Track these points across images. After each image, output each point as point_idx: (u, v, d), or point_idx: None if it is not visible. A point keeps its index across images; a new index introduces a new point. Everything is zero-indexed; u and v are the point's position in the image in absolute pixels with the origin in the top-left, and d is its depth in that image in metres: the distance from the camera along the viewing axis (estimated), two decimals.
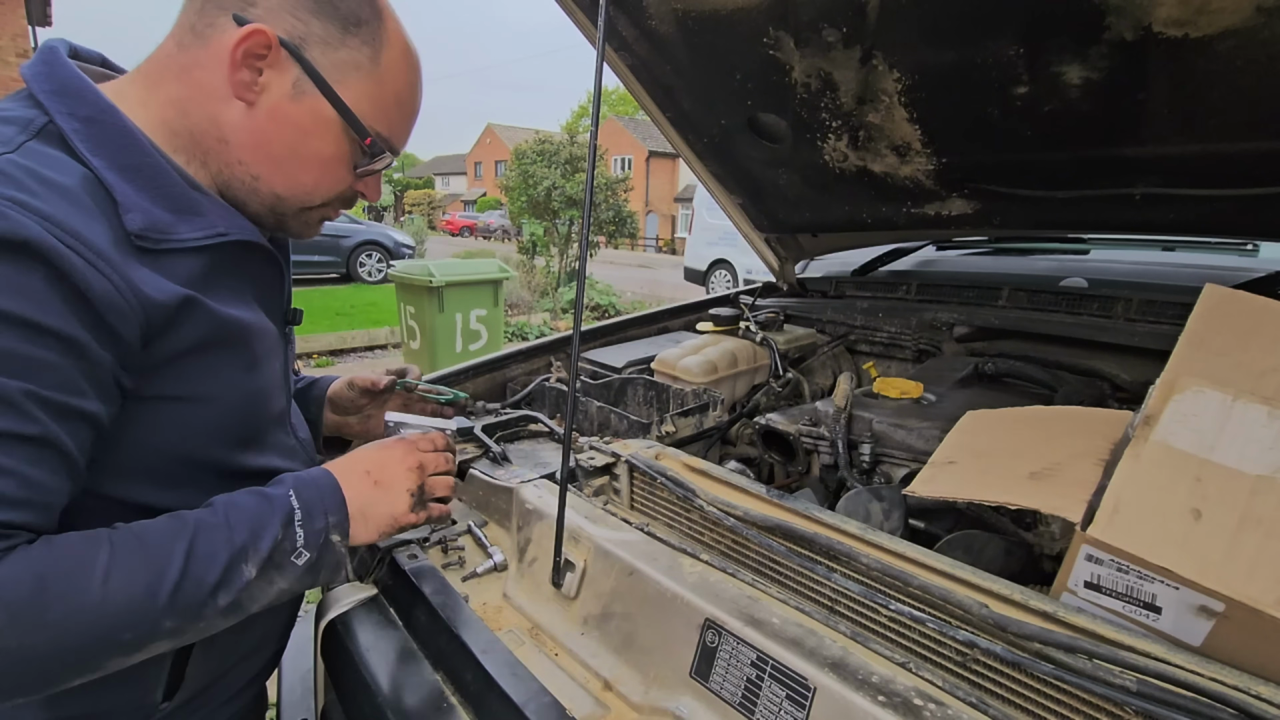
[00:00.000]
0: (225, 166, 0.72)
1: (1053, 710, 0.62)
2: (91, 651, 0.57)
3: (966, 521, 1.06)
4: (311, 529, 0.70)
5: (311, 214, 0.79)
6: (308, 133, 0.72)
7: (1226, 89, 1.00)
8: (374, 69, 0.73)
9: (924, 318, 1.77)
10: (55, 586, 0.54)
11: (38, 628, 0.53)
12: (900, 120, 1.34)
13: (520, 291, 9.19)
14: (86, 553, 0.57)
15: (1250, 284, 1.39)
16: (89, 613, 0.55)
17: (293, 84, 0.69)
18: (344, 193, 0.79)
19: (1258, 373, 0.77)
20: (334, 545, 0.73)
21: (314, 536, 0.70)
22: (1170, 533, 0.64)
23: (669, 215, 34.65)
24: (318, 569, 0.71)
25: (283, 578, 0.68)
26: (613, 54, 1.50)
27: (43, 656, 0.54)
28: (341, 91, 0.71)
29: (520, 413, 1.44)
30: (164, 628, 0.60)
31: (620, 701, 0.80)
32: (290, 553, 0.68)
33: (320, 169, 0.75)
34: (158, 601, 0.59)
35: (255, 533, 0.66)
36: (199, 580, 0.61)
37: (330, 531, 0.72)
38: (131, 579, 0.58)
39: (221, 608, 0.64)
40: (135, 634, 0.58)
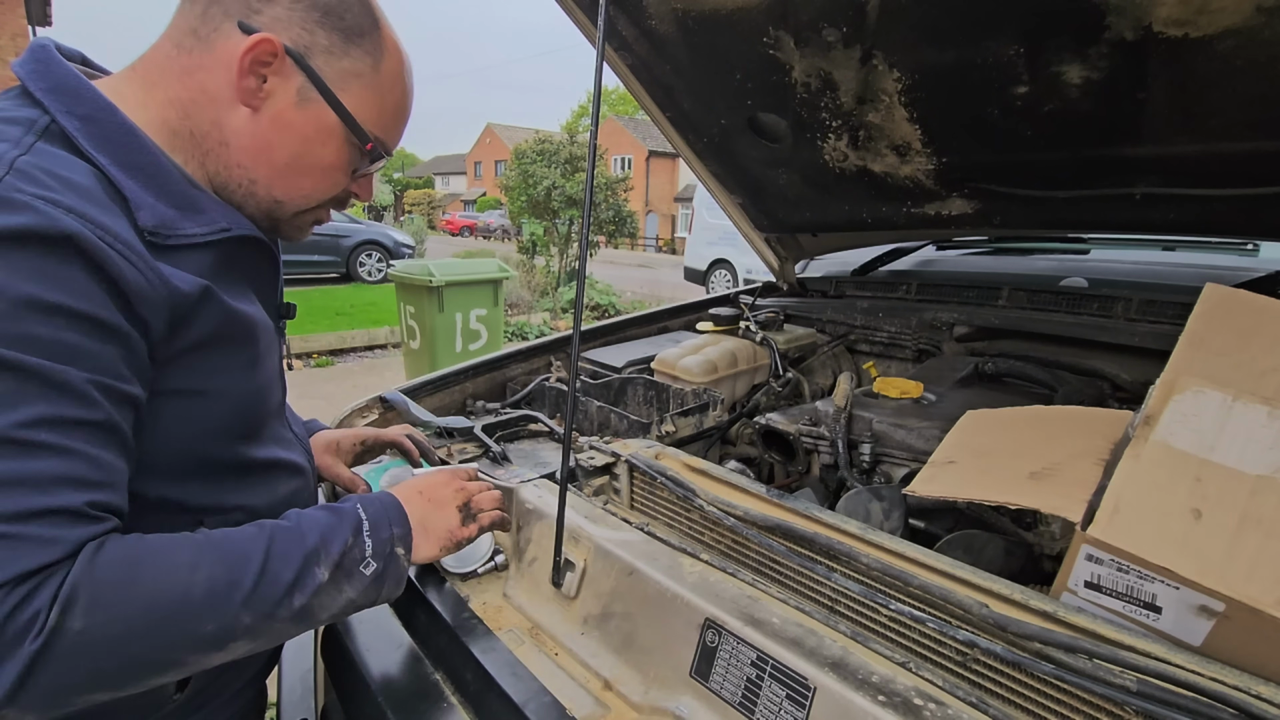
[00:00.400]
0: (224, 169, 0.73)
1: (1053, 710, 0.62)
2: (176, 641, 0.58)
3: (966, 521, 1.06)
4: (379, 539, 0.74)
5: (305, 217, 0.81)
6: (310, 140, 0.73)
7: (1226, 89, 1.00)
8: (375, 77, 0.75)
9: (924, 317, 1.77)
10: (147, 572, 0.57)
11: (127, 616, 0.55)
12: (900, 120, 1.34)
13: (520, 291, 9.19)
14: (174, 545, 0.60)
15: (1250, 284, 1.39)
16: (176, 601, 0.58)
17: (297, 91, 0.71)
18: (339, 195, 0.81)
19: (1258, 372, 0.77)
20: (399, 558, 0.76)
21: (381, 546, 0.74)
22: (1170, 533, 0.64)
23: (669, 215, 34.65)
24: (383, 581, 0.74)
25: (351, 587, 0.71)
26: (613, 54, 1.50)
27: (131, 643, 0.55)
28: (344, 99, 0.73)
29: (520, 412, 1.44)
30: (243, 624, 0.62)
31: (620, 701, 0.80)
32: (359, 561, 0.72)
33: (320, 175, 0.77)
34: (238, 595, 0.61)
35: (326, 538, 0.70)
36: (276, 577, 0.64)
37: (395, 544, 0.76)
38: (215, 572, 0.60)
39: (295, 610, 0.66)
40: (217, 627, 0.60)
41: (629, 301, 9.81)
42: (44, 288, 0.54)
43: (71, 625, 0.52)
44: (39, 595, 0.51)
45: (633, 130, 35.40)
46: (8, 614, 0.50)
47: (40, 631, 0.51)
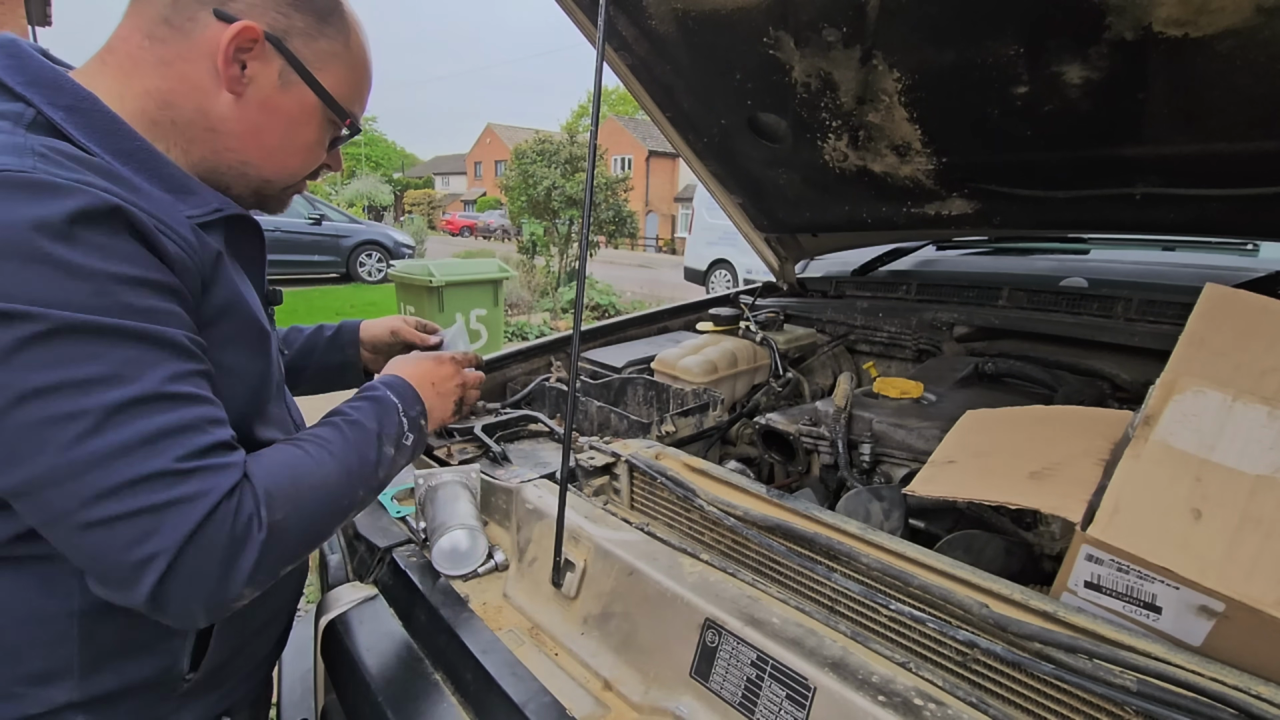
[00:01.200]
0: (213, 154, 0.75)
1: (1053, 710, 0.62)
2: (334, 517, 0.73)
3: (966, 521, 1.06)
4: (409, 416, 0.87)
5: (288, 191, 0.86)
6: (296, 120, 0.77)
7: (1226, 89, 1.00)
8: (347, 54, 0.79)
9: (924, 317, 1.77)
10: (301, 475, 0.69)
11: (302, 504, 0.68)
12: (900, 120, 1.34)
13: (520, 291, 9.19)
14: (295, 448, 0.72)
15: (1250, 284, 1.39)
16: (326, 490, 0.71)
17: (279, 75, 0.74)
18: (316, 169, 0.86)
19: (1258, 372, 0.77)
20: (422, 428, 0.90)
21: (413, 422, 0.88)
22: (1170, 533, 0.64)
23: (669, 215, 34.64)
24: (416, 447, 0.89)
25: (401, 456, 0.84)
26: (613, 54, 1.50)
27: (310, 525, 0.69)
28: (323, 79, 0.76)
29: (520, 412, 1.44)
30: (359, 496, 0.77)
31: (620, 701, 0.80)
32: (402, 436, 0.85)
33: (305, 152, 0.81)
34: (355, 476, 0.75)
35: (381, 422, 0.82)
36: (365, 457, 0.78)
37: (420, 418, 0.90)
38: (336, 463, 0.74)
39: (380, 481, 0.81)
40: (349, 500, 0.75)
41: (629, 302, 9.81)
42: (116, 262, 0.59)
43: (277, 517, 0.64)
44: (246, 502, 0.62)
45: (633, 130, 35.39)
46: (233, 516, 0.60)
47: (262, 525, 0.62)
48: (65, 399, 0.55)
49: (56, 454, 0.55)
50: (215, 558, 0.59)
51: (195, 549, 0.58)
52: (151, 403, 0.58)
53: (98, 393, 0.56)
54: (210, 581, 0.60)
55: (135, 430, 0.57)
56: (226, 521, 0.60)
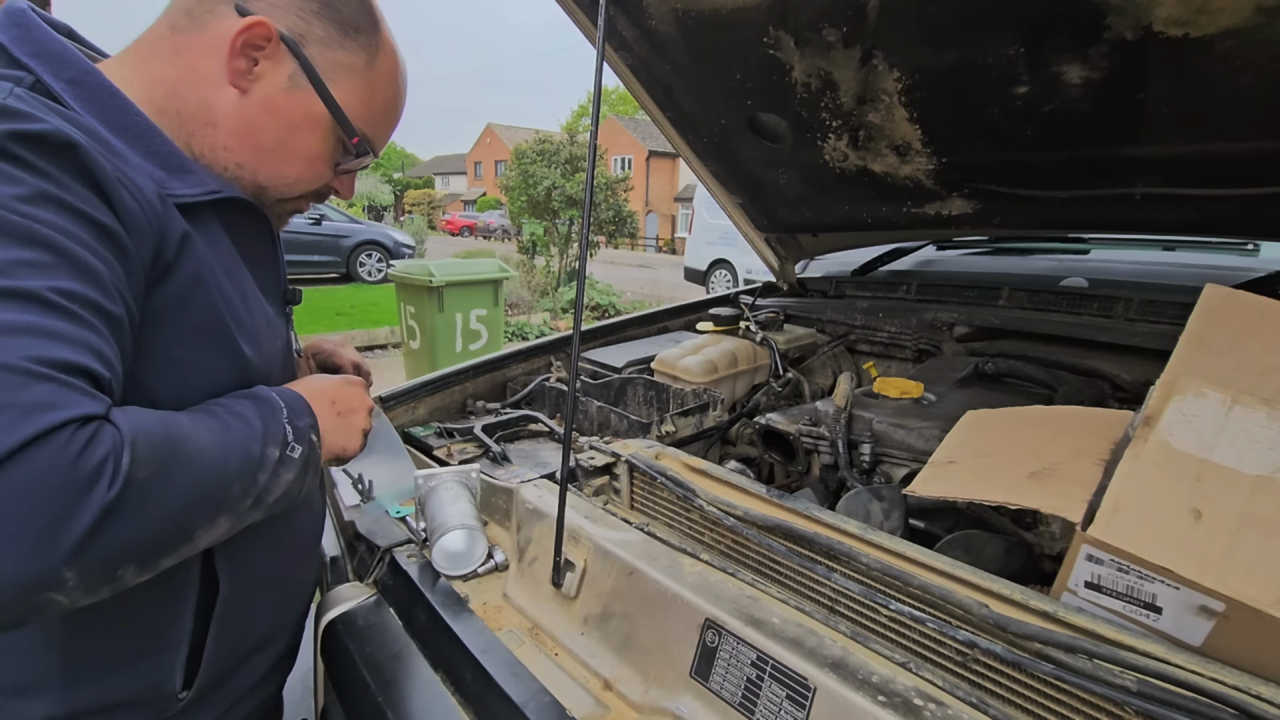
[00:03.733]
0: (210, 150, 0.72)
1: (1053, 710, 0.62)
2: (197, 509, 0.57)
3: (967, 521, 1.06)
4: (298, 426, 0.71)
5: (286, 205, 0.81)
6: (297, 126, 0.74)
7: (1226, 89, 1.00)
8: (368, 74, 0.76)
9: (924, 317, 1.77)
10: (175, 434, 0.56)
11: (175, 471, 0.54)
12: (900, 120, 1.34)
13: (520, 291, 9.19)
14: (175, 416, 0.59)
15: (1250, 284, 1.39)
16: (198, 462, 0.57)
17: (288, 77, 0.71)
18: (320, 188, 0.81)
19: (1258, 373, 0.77)
20: (315, 445, 0.74)
21: (301, 433, 0.71)
22: (1170, 533, 0.64)
23: (669, 215, 34.63)
24: (307, 466, 0.72)
25: (287, 469, 0.69)
26: (613, 54, 1.50)
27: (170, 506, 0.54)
28: (334, 90, 0.73)
29: (520, 413, 1.44)
30: (233, 495, 0.61)
31: (620, 701, 0.80)
32: (285, 444, 0.69)
33: (305, 163, 0.76)
34: (232, 463, 0.60)
35: (265, 419, 0.67)
36: (246, 452, 0.63)
37: (310, 432, 0.73)
38: (211, 439, 0.59)
39: (261, 486, 0.64)
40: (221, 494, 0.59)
41: (629, 302, 9.81)
42: (55, 186, 0.54)
43: (138, 475, 0.50)
44: (103, 439, 0.48)
45: (633, 130, 35.39)
46: (80, 451, 0.47)
47: (115, 477, 0.48)
48: None
49: None
50: (37, 504, 0.44)
51: (16, 474, 0.44)
52: (23, 299, 0.49)
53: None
54: (21, 537, 0.44)
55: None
56: (70, 453, 0.46)
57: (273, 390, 0.73)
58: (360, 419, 0.84)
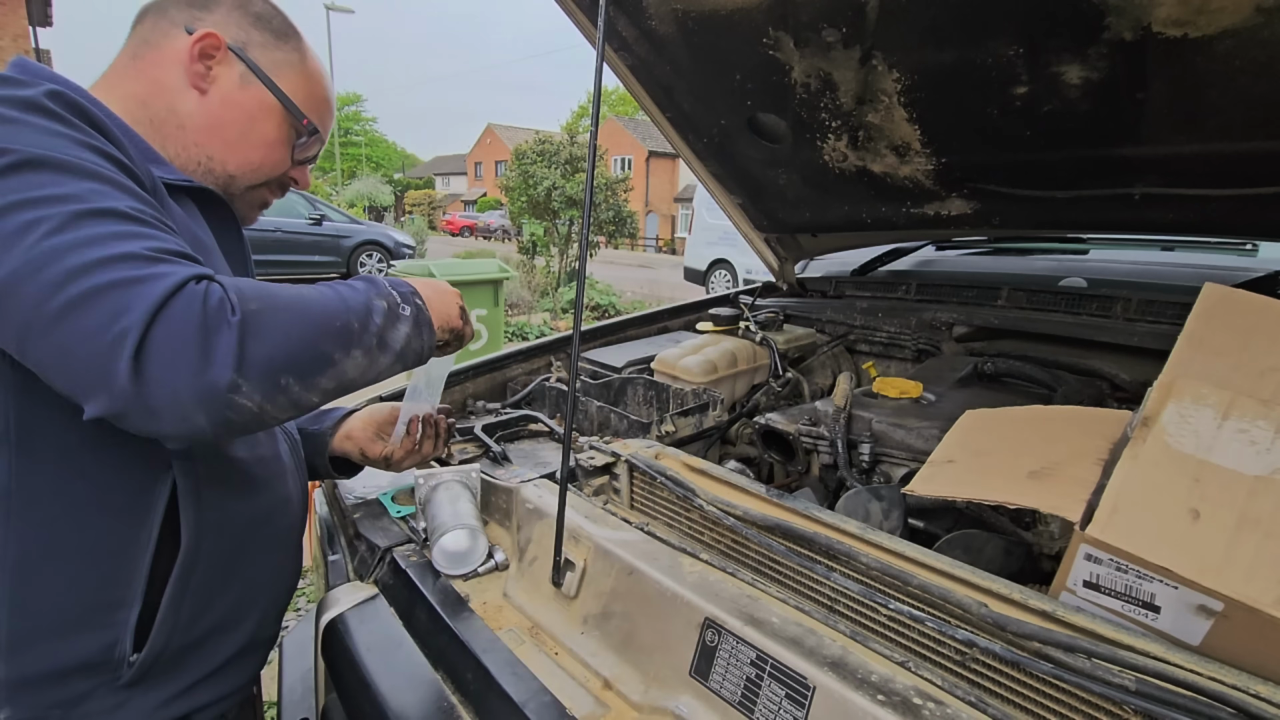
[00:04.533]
0: (182, 149, 0.83)
1: (1052, 709, 0.62)
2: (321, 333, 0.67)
3: (966, 521, 1.06)
4: (402, 292, 0.81)
5: (255, 194, 0.92)
6: (254, 116, 0.86)
7: (1226, 89, 1.00)
8: (303, 68, 0.90)
9: (923, 317, 1.77)
10: (269, 289, 0.66)
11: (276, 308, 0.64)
12: (900, 120, 1.34)
13: (520, 291, 9.19)
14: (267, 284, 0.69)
15: (1250, 284, 1.40)
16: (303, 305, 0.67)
17: (239, 76, 0.85)
18: (282, 177, 0.93)
19: (1257, 373, 0.77)
20: (423, 309, 0.82)
21: (408, 298, 0.81)
22: (1169, 532, 0.64)
23: (669, 215, 34.63)
24: (420, 324, 0.80)
25: (402, 322, 0.78)
26: (613, 54, 1.50)
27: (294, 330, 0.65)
28: (279, 83, 0.87)
29: (520, 412, 1.44)
30: (354, 327, 0.70)
31: (620, 700, 0.80)
32: (398, 305, 0.79)
33: (266, 148, 0.89)
34: (341, 306, 0.71)
35: (366, 288, 0.76)
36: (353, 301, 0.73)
37: (415, 296, 0.82)
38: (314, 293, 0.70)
39: (378, 329, 0.74)
40: (342, 323, 0.69)
41: (629, 302, 9.81)
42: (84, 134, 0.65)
43: (250, 307, 0.62)
44: (214, 290, 0.60)
45: (633, 130, 35.39)
46: (203, 297, 0.59)
47: (234, 309, 0.60)
48: (32, 209, 0.57)
49: (27, 250, 0.56)
50: (189, 333, 0.57)
51: (167, 321, 0.57)
52: (117, 215, 0.61)
53: (64, 204, 0.58)
54: (190, 360, 0.57)
55: (101, 228, 0.59)
56: (197, 299, 0.59)
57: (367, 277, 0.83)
58: (454, 298, 0.92)
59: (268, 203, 0.96)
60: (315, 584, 1.49)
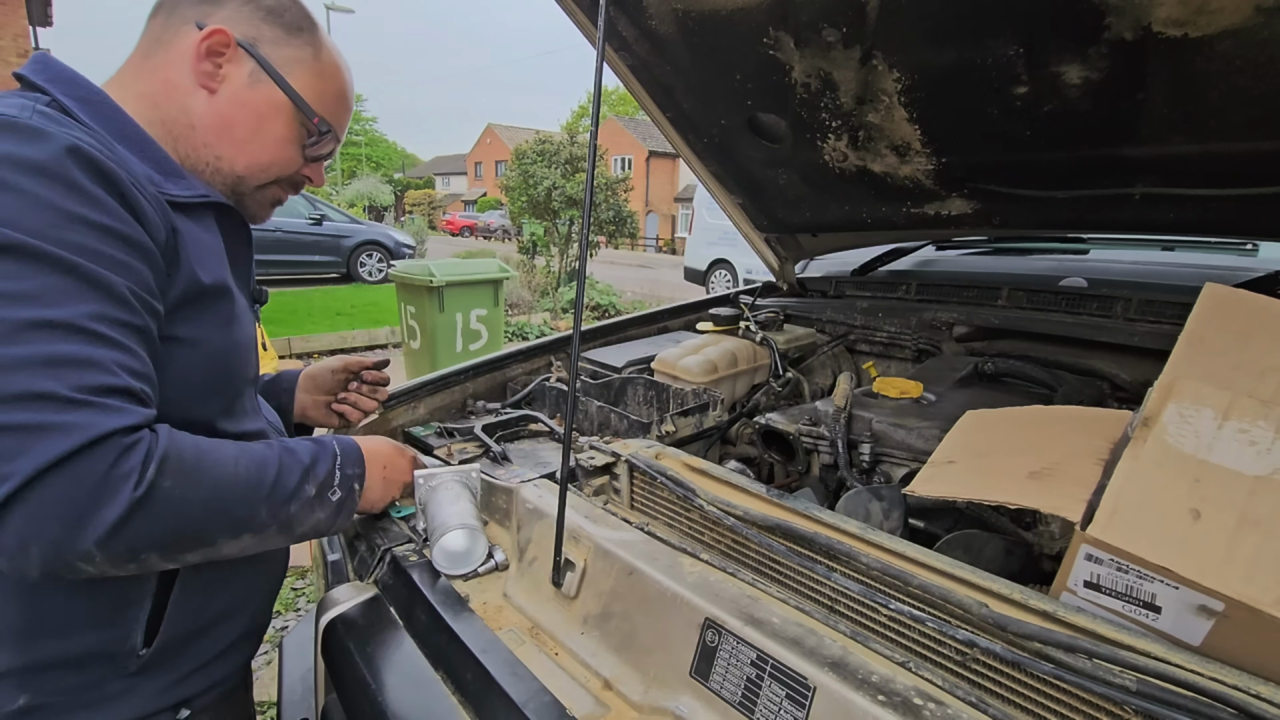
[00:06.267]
0: (192, 150, 0.82)
1: (1052, 709, 0.62)
2: (218, 521, 0.68)
3: (966, 521, 1.06)
4: (345, 473, 0.86)
5: (266, 193, 0.90)
6: (264, 116, 0.84)
7: (1226, 89, 1.00)
8: (316, 64, 0.87)
9: (924, 317, 1.77)
10: (208, 457, 0.67)
11: (196, 486, 0.65)
12: (900, 120, 1.34)
13: (520, 291, 9.19)
14: (218, 441, 0.71)
15: (1250, 284, 1.39)
16: (225, 485, 0.68)
17: (249, 75, 0.82)
18: (294, 175, 0.91)
19: (1257, 373, 0.77)
20: (355, 494, 0.88)
21: (347, 480, 0.86)
22: (1169, 533, 0.64)
23: (669, 215, 34.62)
24: (340, 510, 0.85)
25: (322, 508, 0.81)
26: (613, 54, 1.50)
27: (191, 515, 0.65)
28: (290, 80, 0.84)
29: (520, 412, 1.44)
30: (260, 517, 0.72)
31: (620, 701, 0.80)
32: (329, 488, 0.82)
33: (275, 148, 0.87)
34: (262, 491, 0.72)
35: (315, 460, 0.82)
36: (284, 483, 0.75)
37: (355, 481, 0.88)
38: (250, 468, 0.72)
39: (290, 515, 0.76)
40: (246, 513, 0.71)
41: (629, 302, 9.81)
42: (80, 203, 0.62)
43: (163, 483, 0.61)
44: (136, 451, 0.60)
45: (633, 130, 35.38)
46: (114, 460, 0.58)
47: (140, 482, 0.59)
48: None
49: None
50: (71, 499, 0.56)
51: (58, 480, 0.55)
52: (64, 330, 0.59)
53: (13, 307, 0.57)
54: (56, 526, 0.56)
55: (39, 350, 0.57)
56: (103, 462, 0.57)
57: (336, 441, 0.88)
58: (399, 487, 1.03)
59: (280, 201, 0.94)
60: (315, 584, 1.49)
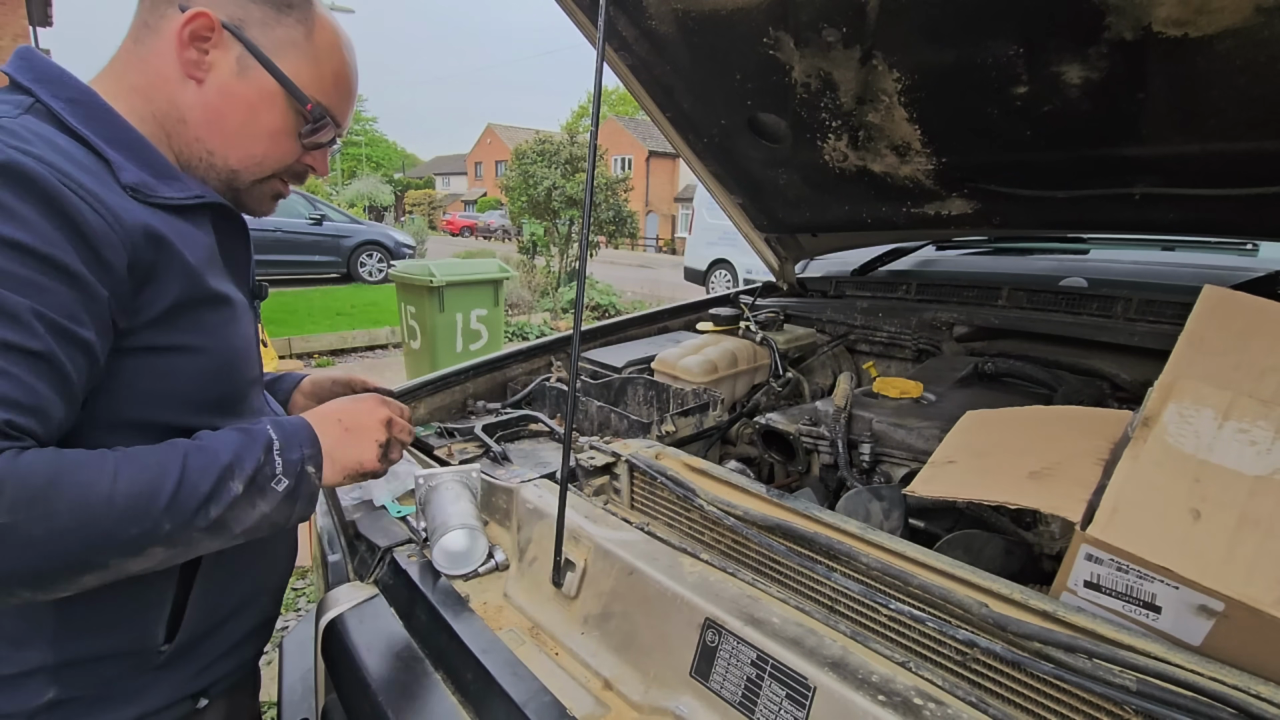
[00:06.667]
0: (185, 145, 0.78)
1: (1052, 709, 0.62)
2: (98, 545, 0.60)
3: (966, 521, 1.06)
4: (289, 458, 0.76)
5: (264, 187, 0.86)
6: (255, 106, 0.79)
7: (1226, 89, 1.00)
8: (309, 45, 0.81)
9: (924, 317, 1.77)
10: (68, 480, 0.59)
11: (49, 516, 0.57)
12: (900, 120, 1.34)
13: (520, 291, 9.19)
14: (95, 457, 0.63)
15: (1250, 284, 1.40)
16: (98, 506, 0.60)
17: (237, 61, 0.77)
18: (293, 165, 0.86)
19: (1257, 373, 0.77)
20: (309, 476, 0.78)
21: (291, 465, 0.76)
22: (1170, 533, 0.64)
23: (669, 215, 34.62)
24: (295, 497, 0.76)
25: (264, 501, 0.73)
26: (613, 54, 1.50)
27: (53, 546, 0.58)
28: (281, 65, 0.79)
29: (520, 412, 1.44)
30: (163, 530, 0.64)
31: (620, 701, 0.80)
32: (271, 478, 0.73)
33: (269, 140, 0.82)
34: (159, 502, 0.63)
35: (239, 455, 0.71)
36: (194, 487, 0.66)
37: (306, 463, 0.77)
38: (135, 480, 0.63)
39: (212, 520, 0.68)
40: (140, 530, 0.62)
41: (629, 302, 9.81)
42: (2, 222, 0.58)
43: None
44: None
45: (633, 130, 35.38)
46: None
47: None
48: None
49: None
50: None
51: None
52: None
53: None
54: None
55: None
56: None
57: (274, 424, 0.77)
58: (372, 431, 0.87)
59: (281, 194, 0.89)
60: (315, 584, 1.49)
